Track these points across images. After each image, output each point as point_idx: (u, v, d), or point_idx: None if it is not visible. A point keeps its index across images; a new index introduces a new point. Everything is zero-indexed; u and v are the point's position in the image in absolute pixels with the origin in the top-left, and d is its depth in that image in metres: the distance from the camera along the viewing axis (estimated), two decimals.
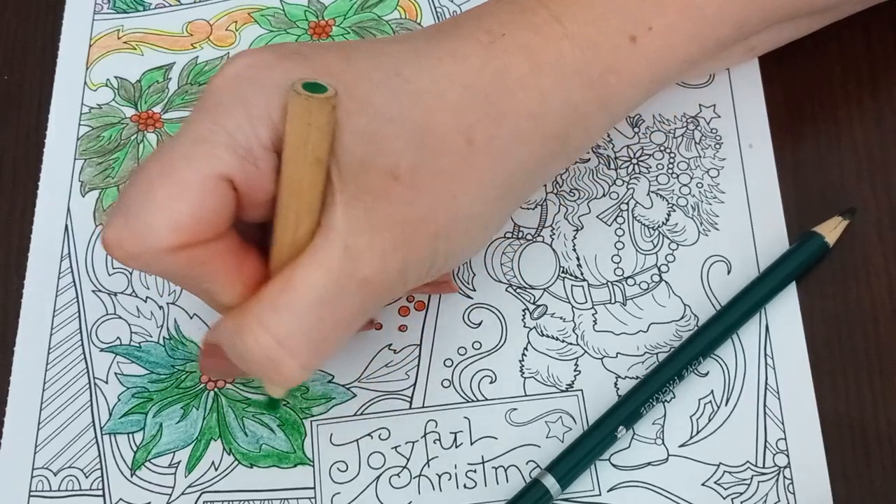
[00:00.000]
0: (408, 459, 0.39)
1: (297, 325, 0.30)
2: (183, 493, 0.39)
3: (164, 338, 0.41)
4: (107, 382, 0.40)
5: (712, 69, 0.43)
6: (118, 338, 0.41)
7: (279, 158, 0.31)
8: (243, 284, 0.32)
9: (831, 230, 0.40)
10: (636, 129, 0.43)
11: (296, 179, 0.30)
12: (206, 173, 0.30)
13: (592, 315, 0.40)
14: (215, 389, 0.40)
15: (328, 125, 0.30)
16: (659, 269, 0.41)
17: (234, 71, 0.31)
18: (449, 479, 0.38)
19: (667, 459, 0.38)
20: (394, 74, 0.33)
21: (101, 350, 0.41)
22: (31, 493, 0.39)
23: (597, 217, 0.42)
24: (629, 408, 0.38)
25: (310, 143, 0.30)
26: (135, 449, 0.39)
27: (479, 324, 0.41)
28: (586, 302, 0.41)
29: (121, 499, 0.39)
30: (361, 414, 0.39)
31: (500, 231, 0.42)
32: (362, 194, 0.31)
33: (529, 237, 0.42)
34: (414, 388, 0.40)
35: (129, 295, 0.42)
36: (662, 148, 0.43)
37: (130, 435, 0.40)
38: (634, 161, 0.43)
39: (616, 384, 0.39)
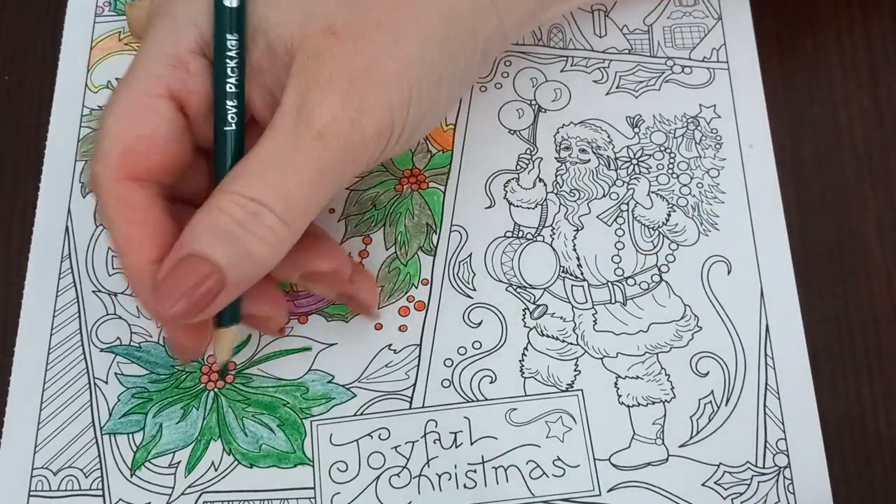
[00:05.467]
0: (408, 459, 0.39)
1: (265, 183, 0.32)
2: (183, 494, 0.39)
3: (164, 338, 0.41)
4: (107, 382, 0.40)
5: None
6: (118, 338, 0.41)
7: (209, 62, 0.34)
8: (154, 246, 0.34)
9: None
10: (636, 130, 0.43)
11: None
12: (141, 91, 0.34)
13: (592, 315, 0.40)
14: (215, 390, 0.40)
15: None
16: (659, 269, 0.41)
17: None
18: (449, 479, 0.38)
19: (667, 459, 0.38)
20: None
21: (101, 350, 0.41)
22: (31, 493, 0.39)
23: (597, 217, 0.42)
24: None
25: None
26: (135, 449, 0.39)
27: (479, 324, 0.41)
28: (586, 302, 0.41)
29: (120, 499, 0.39)
30: (361, 414, 0.39)
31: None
32: (304, 59, 0.33)
33: (529, 237, 0.42)
34: (414, 388, 0.40)
35: (129, 295, 0.42)
36: (662, 148, 0.43)
37: (130, 435, 0.40)
38: (634, 161, 0.43)
39: (616, 384, 0.39)
